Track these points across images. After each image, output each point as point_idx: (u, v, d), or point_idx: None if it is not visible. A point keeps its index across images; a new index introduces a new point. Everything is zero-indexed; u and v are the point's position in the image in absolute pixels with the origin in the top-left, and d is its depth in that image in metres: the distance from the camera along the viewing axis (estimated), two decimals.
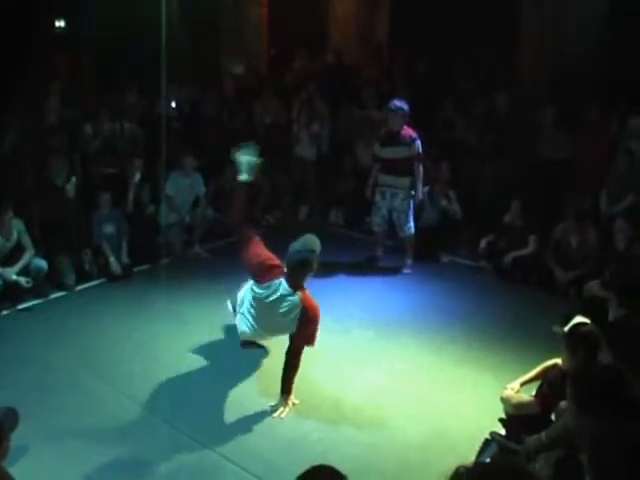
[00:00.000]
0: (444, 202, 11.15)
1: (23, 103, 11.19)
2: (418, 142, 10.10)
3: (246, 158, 7.40)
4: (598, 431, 3.11)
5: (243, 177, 7.42)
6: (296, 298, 6.61)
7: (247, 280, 7.13)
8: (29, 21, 13.23)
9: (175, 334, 8.18)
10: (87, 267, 9.81)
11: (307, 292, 6.70)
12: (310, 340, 6.73)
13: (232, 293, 7.51)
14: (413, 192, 10.26)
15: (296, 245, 6.74)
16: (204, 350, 7.82)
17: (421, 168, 10.18)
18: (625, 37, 12.00)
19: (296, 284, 6.66)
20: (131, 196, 10.68)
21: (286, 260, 6.73)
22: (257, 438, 6.35)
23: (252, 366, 7.54)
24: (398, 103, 10.12)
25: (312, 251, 6.70)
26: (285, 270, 6.71)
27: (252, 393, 7.05)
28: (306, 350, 7.30)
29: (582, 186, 10.69)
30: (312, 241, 6.79)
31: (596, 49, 12.59)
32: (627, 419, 3.39)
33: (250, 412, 6.72)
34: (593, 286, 7.76)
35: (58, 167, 10.01)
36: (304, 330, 6.66)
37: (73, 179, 10.26)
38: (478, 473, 2.62)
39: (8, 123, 10.68)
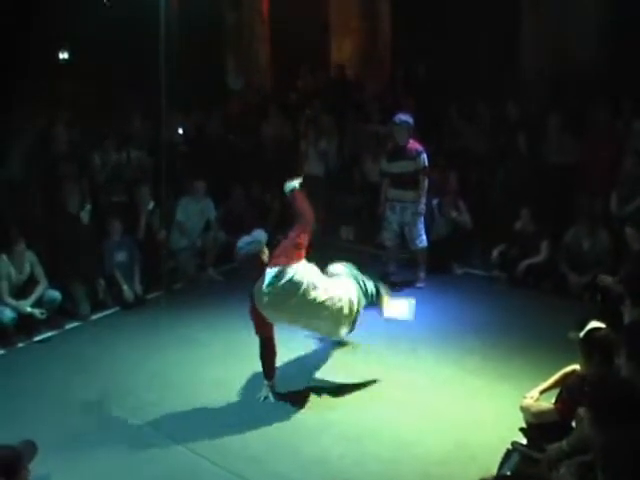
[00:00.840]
0: (454, 213, 11.13)
1: (29, 132, 11.24)
2: (424, 155, 10.10)
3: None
4: (610, 438, 3.09)
5: (289, 187, 7.60)
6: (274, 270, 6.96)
7: None
8: (33, 52, 13.32)
9: (190, 360, 8.18)
10: (101, 296, 9.83)
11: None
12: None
13: None
14: (421, 207, 10.25)
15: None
16: (220, 375, 7.80)
17: (426, 182, 10.16)
18: (627, 38, 11.98)
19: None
20: (143, 223, 10.68)
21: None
22: (278, 457, 6.33)
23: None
24: (403, 117, 10.13)
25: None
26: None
27: (270, 414, 7.02)
28: (322, 368, 7.33)
29: (592, 189, 10.65)
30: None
31: (598, 52, 12.58)
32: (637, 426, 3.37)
33: (269, 432, 6.71)
34: (606, 278, 7.74)
35: (70, 193, 10.03)
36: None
37: (88, 206, 10.28)
38: None
39: (14, 152, 10.72)
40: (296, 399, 7.25)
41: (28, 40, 13.17)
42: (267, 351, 7.23)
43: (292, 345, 8.34)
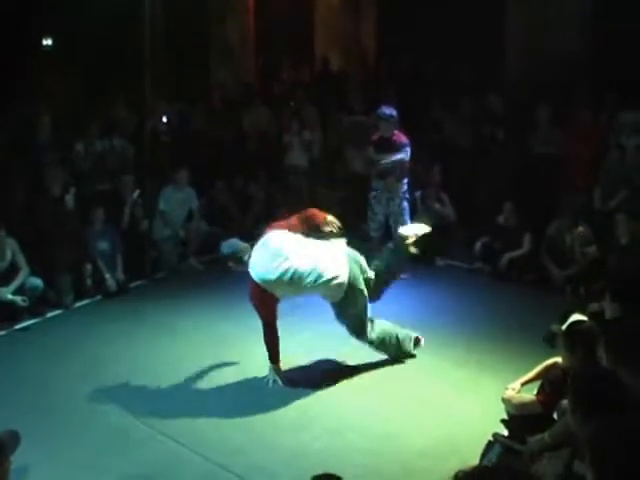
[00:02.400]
0: (437, 205, 11.16)
1: (12, 121, 11.17)
2: (408, 149, 10.10)
3: None
4: (595, 429, 3.10)
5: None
6: None
7: None
8: (17, 38, 13.22)
9: (172, 349, 8.17)
10: (88, 282, 9.78)
11: None
12: None
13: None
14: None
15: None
16: (202, 363, 7.79)
17: (405, 167, 10.17)
18: (610, 33, 12.03)
19: None
20: (127, 212, 10.64)
21: None
22: (259, 450, 6.30)
23: (252, 377, 7.51)
24: (387, 111, 10.13)
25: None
26: None
27: (251, 405, 7.01)
28: (305, 358, 7.35)
29: (574, 183, 10.70)
30: None
31: (581, 46, 12.62)
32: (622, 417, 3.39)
33: (250, 423, 6.70)
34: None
35: (54, 177, 9.98)
36: None
37: (72, 189, 10.22)
38: (478, 477, 2.60)
39: None
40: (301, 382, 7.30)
41: (11, 27, 13.08)
42: (270, 335, 7.24)
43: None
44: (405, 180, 10.26)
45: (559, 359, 5.61)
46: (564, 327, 5.51)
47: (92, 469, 5.96)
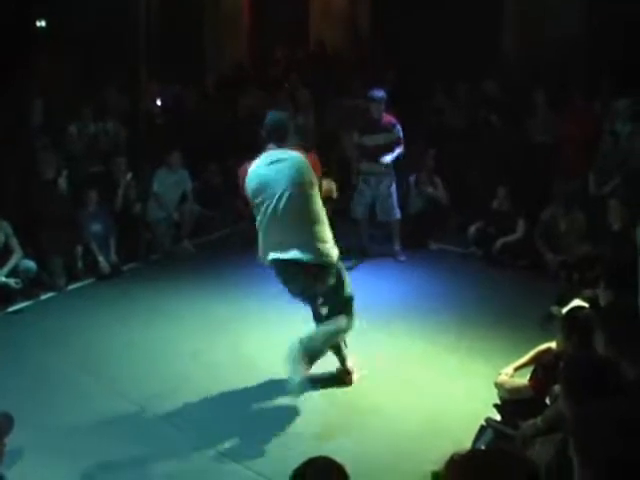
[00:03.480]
0: (430, 189, 11.18)
1: (4, 104, 11.12)
2: (398, 127, 10.16)
3: None
4: (582, 411, 3.11)
5: None
6: None
7: None
8: (10, 21, 13.14)
9: (166, 331, 8.18)
10: (80, 265, 9.78)
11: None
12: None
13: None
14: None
15: None
16: (196, 346, 7.80)
17: (401, 150, 10.18)
18: (606, 19, 12.02)
19: None
20: (120, 194, 10.63)
21: None
22: (256, 433, 6.31)
23: (247, 359, 7.54)
24: (378, 93, 10.15)
25: None
26: None
27: (246, 390, 7.02)
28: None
29: (569, 169, 10.71)
30: None
31: (579, 32, 12.60)
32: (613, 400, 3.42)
33: (243, 407, 6.72)
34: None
35: (46, 161, 9.97)
36: None
37: (64, 172, 10.20)
38: (473, 460, 2.61)
39: None
40: None
41: (4, 9, 13.00)
42: None
43: (266, 317, 8.39)
44: (399, 152, 10.25)
45: (552, 344, 5.63)
46: (564, 311, 5.51)
47: (85, 452, 5.96)
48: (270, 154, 6.54)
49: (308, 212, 6.42)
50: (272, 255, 6.47)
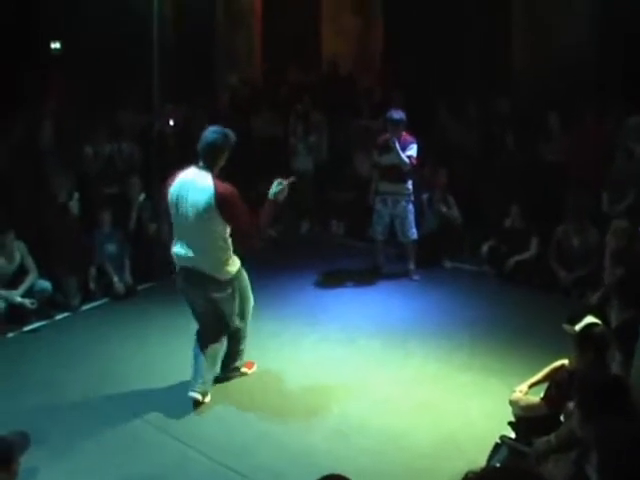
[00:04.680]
0: (443, 208, 11.18)
1: (17, 125, 11.21)
2: (414, 145, 10.11)
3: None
4: (601, 429, 3.13)
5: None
6: None
7: None
8: (25, 42, 13.27)
9: (181, 351, 8.14)
10: (92, 286, 9.81)
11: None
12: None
13: None
14: (412, 197, 10.27)
15: None
16: None
17: (414, 162, 10.16)
18: (617, 34, 12.03)
19: None
20: (134, 215, 10.67)
21: None
22: (265, 450, 6.34)
23: (259, 379, 7.54)
24: (397, 115, 10.11)
25: None
26: None
27: (258, 406, 7.04)
28: (312, 361, 7.35)
29: (582, 186, 10.69)
30: None
31: (589, 47, 12.59)
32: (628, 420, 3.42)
33: (256, 425, 6.73)
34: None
35: (60, 184, 10.03)
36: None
37: (76, 195, 10.26)
38: (487, 478, 2.61)
39: (1, 143, 10.69)
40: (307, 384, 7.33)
41: (19, 30, 13.13)
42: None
43: (283, 339, 8.41)
44: (410, 181, 10.28)
45: (566, 361, 5.63)
46: (578, 328, 5.50)
47: (101, 471, 5.98)
48: (193, 173, 6.79)
49: (207, 238, 6.78)
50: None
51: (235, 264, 7.02)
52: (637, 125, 10.74)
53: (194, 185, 6.67)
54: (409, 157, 10.07)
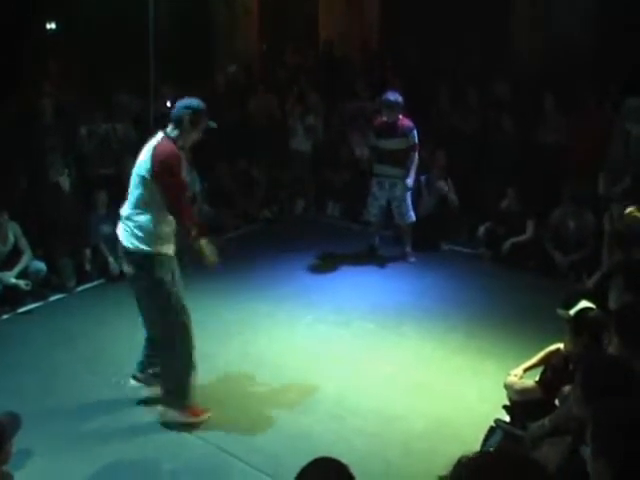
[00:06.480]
0: (445, 187, 11.11)
1: (14, 105, 11.15)
2: (414, 132, 10.06)
3: None
4: (598, 410, 3.12)
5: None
6: None
7: None
8: (21, 23, 13.19)
9: None
10: (88, 267, 9.78)
11: None
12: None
13: None
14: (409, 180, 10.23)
15: None
16: (205, 348, 7.77)
17: (416, 156, 10.13)
18: (616, 20, 11.99)
19: None
20: None
21: None
22: (260, 433, 6.35)
23: (255, 361, 7.54)
24: (392, 97, 10.05)
25: None
26: None
27: (253, 388, 7.05)
28: (307, 343, 7.34)
29: (579, 170, 10.67)
30: None
31: (587, 32, 12.57)
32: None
33: (252, 407, 6.74)
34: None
35: (52, 162, 9.97)
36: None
37: (66, 171, 10.19)
38: (481, 462, 2.60)
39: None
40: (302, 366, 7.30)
41: (15, 11, 13.05)
42: None
43: (277, 320, 8.40)
44: (416, 162, 10.22)
45: (561, 345, 5.62)
46: (572, 312, 5.49)
47: (95, 453, 5.99)
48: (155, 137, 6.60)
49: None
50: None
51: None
52: (635, 107, 10.70)
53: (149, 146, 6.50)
54: (412, 146, 10.06)
